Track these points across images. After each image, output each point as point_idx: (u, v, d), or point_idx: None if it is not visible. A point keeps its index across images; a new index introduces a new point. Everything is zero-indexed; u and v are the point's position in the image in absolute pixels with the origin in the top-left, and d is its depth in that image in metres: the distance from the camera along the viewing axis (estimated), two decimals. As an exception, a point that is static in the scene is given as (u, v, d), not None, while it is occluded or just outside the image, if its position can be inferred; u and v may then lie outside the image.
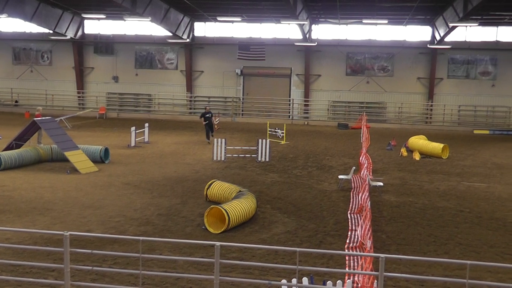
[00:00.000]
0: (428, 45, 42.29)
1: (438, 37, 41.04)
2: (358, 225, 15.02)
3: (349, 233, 14.92)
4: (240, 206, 15.64)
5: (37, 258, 12.28)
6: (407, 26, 42.75)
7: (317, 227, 15.72)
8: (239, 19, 40.93)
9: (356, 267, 11.82)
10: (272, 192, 19.81)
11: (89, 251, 10.19)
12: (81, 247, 10.73)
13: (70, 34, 44.36)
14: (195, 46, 44.28)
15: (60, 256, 11.53)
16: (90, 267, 10.51)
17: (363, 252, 12.10)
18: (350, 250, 13.54)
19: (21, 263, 11.37)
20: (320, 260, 12.76)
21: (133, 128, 29.37)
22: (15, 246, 12.11)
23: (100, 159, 24.25)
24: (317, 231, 15.30)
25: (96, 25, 45.64)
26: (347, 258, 12.49)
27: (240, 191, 17.48)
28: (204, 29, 44.26)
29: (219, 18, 40.63)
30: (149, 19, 38.61)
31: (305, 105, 43.71)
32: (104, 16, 42.99)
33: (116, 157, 25.44)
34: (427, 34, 42.92)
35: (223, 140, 26.00)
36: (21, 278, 10.85)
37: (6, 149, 24.30)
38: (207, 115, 31.00)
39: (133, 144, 29.00)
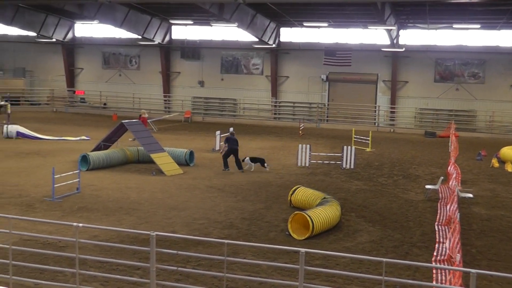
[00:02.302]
0: (523, 51, 40.57)
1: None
2: (446, 238, 14.50)
3: (437, 245, 14.42)
4: (324, 213, 15.44)
5: (123, 256, 12.52)
6: (501, 30, 41.12)
7: (403, 237, 15.30)
8: (325, 24, 40.67)
9: (444, 282, 11.37)
10: (357, 200, 19.47)
11: (175, 252, 10.28)
12: (166, 248, 10.86)
13: (158, 40, 45.41)
14: (281, 52, 44.32)
15: (146, 255, 11.70)
16: (175, 268, 10.60)
17: (452, 266, 11.62)
18: (438, 263, 13.07)
19: (108, 260, 11.62)
20: (406, 272, 12.38)
21: (218, 132, 29.65)
22: (103, 244, 12.41)
23: (185, 161, 24.58)
24: (402, 242, 14.89)
25: (183, 31, 46.49)
26: (434, 271, 12.05)
27: (324, 197, 17.27)
28: (290, 34, 44.23)
29: (305, 24, 40.50)
30: (235, 25, 38.97)
31: (391, 112, 42.88)
32: (192, 22, 43.81)
33: (200, 160, 25.74)
34: (522, 40, 41.17)
35: (308, 146, 25.82)
36: (108, 275, 11.07)
37: (94, 150, 25.07)
38: (231, 141, 24.63)
39: (217, 147, 29.27)
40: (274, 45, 43.39)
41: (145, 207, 17.78)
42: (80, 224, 10.26)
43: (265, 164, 24.43)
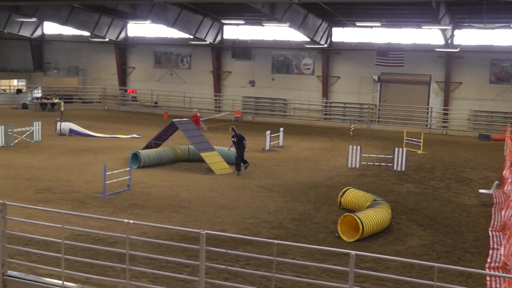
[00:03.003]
0: None
1: None
2: (500, 244, 14.09)
3: (491, 251, 14.04)
4: (374, 215, 15.24)
5: (172, 254, 12.60)
6: None
7: (455, 242, 14.97)
8: (378, 24, 40.17)
9: (498, 289, 11.05)
10: (408, 203, 19.15)
11: (224, 250, 10.28)
12: (215, 246, 10.88)
13: (209, 39, 45.68)
14: (332, 52, 43.98)
15: (195, 253, 11.71)
16: (225, 266, 10.59)
17: (507, 273, 11.28)
18: (492, 270, 12.71)
19: (157, 257, 11.70)
20: (458, 278, 12.10)
21: (268, 132, 29.63)
22: (153, 241, 12.50)
23: (235, 161, 24.59)
24: (455, 247, 14.57)
25: (235, 31, 46.64)
26: (488, 278, 11.73)
27: (375, 200, 17.05)
28: (342, 34, 43.83)
29: (358, 23, 40.08)
30: (287, 25, 38.86)
31: (444, 113, 42.05)
32: (243, 22, 43.89)
33: (250, 160, 25.67)
34: None
35: (359, 147, 25.54)
36: (157, 271, 11.16)
37: (145, 148, 25.38)
38: (233, 139, 23.70)
39: (267, 147, 29.24)
40: (325, 45, 43.11)
41: (194, 205, 17.88)
42: (131, 221, 10.35)
43: (246, 164, 23.47)
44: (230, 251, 10.56)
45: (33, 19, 46.88)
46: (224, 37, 46.91)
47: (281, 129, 31.22)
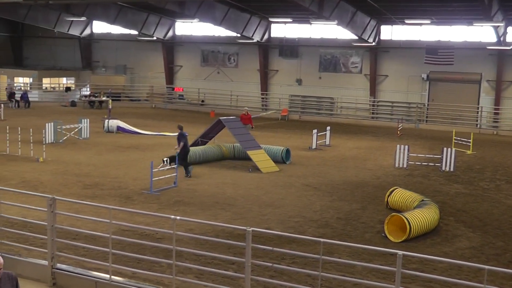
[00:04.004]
0: None
1: None
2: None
3: (544, 254, 13.65)
4: (422, 216, 14.98)
5: (218, 250, 12.62)
6: None
7: (506, 245, 14.61)
8: (428, 21, 39.50)
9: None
10: (456, 204, 18.76)
11: (270, 248, 10.26)
12: (260, 244, 10.85)
13: (256, 38, 45.70)
14: (381, 50, 43.45)
15: (240, 251, 11.73)
16: (270, 264, 10.56)
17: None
18: (546, 273, 12.34)
19: (203, 253, 11.75)
20: (508, 282, 11.81)
21: (315, 131, 29.46)
22: (199, 237, 12.57)
23: (281, 159, 24.56)
24: (505, 250, 14.22)
25: (282, 29, 46.54)
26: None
27: (422, 200, 16.77)
28: (390, 32, 43.26)
29: (407, 21, 39.52)
30: (335, 23, 38.58)
31: (495, 113, 41.09)
32: (291, 20, 43.78)
33: (296, 159, 25.66)
34: None
35: (406, 147, 25.16)
36: (203, 267, 11.21)
37: (192, 146, 25.50)
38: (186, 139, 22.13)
39: (314, 146, 29.09)
40: (373, 43, 42.64)
41: (240, 203, 17.91)
42: (178, 217, 10.41)
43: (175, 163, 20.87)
44: (276, 248, 10.53)
45: (83, 18, 47.81)
46: (271, 35, 46.85)
47: (328, 127, 31.01)
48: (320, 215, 16.87)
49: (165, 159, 21.40)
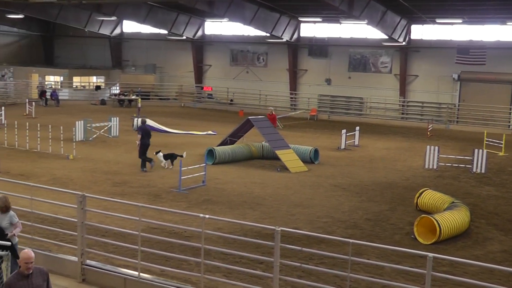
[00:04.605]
0: None
1: None
2: None
3: None
4: (452, 218, 14.79)
5: (246, 249, 12.59)
6: None
7: (539, 249, 14.34)
8: (459, 21, 38.99)
9: None
10: (488, 206, 18.47)
11: (299, 248, 10.20)
12: (289, 244, 10.79)
13: (286, 37, 45.58)
14: (411, 50, 43.00)
15: (268, 250, 11.70)
16: (299, 264, 10.50)
17: None
18: None
19: (232, 252, 11.73)
20: (542, 286, 11.56)
21: (344, 131, 29.29)
22: (227, 236, 12.55)
23: (310, 159, 24.46)
24: (540, 254, 13.95)
25: (312, 28, 46.35)
26: None
27: (453, 202, 16.55)
28: (421, 31, 42.78)
29: (438, 20, 39.08)
30: (365, 22, 38.32)
31: (528, 114, 40.47)
32: (320, 19, 43.59)
33: (325, 159, 25.53)
34: None
35: (436, 148, 24.86)
36: (231, 266, 11.20)
37: (220, 145, 25.57)
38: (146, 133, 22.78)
39: (343, 146, 28.91)
40: (404, 43, 42.22)
41: (269, 203, 17.88)
42: (207, 216, 10.41)
43: (173, 161, 22.73)
44: (305, 249, 10.47)
45: (113, 18, 48.22)
46: (301, 34, 46.69)
47: (357, 128, 30.79)
48: (348, 215, 16.76)
49: (159, 153, 22.85)
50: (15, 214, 10.59)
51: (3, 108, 33.69)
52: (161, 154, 23.00)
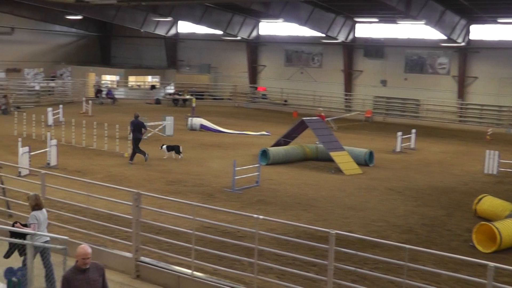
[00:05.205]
0: None
1: None
2: None
3: None
4: (514, 226, 14.26)
5: (299, 251, 12.43)
6: None
7: None
8: (523, 20, 37.88)
9: None
10: (551, 213, 17.76)
11: (354, 252, 10.00)
12: (342, 247, 10.59)
13: (341, 38, 45.18)
14: (470, 50, 41.94)
15: (322, 253, 11.51)
16: (354, 268, 10.30)
17: None
18: None
19: (285, 254, 11.59)
20: None
21: (399, 133, 28.77)
22: (281, 237, 12.42)
23: (364, 162, 24.10)
24: None
25: (367, 29, 45.80)
26: None
27: (515, 208, 15.98)
28: (481, 31, 41.68)
29: (499, 20, 38.01)
30: (423, 22, 37.60)
31: None
32: (377, 20, 43.03)
33: (380, 161, 25.11)
34: None
35: (496, 152, 24.11)
36: (284, 268, 11.07)
37: (274, 145, 25.46)
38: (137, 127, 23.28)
39: (398, 149, 28.40)
40: (463, 43, 41.21)
41: (322, 205, 17.68)
42: (261, 216, 10.32)
43: (180, 153, 24.19)
44: (360, 253, 10.26)
45: (169, 19, 48.75)
46: (356, 35, 46.18)
47: (413, 130, 30.19)
48: (404, 220, 16.41)
49: (164, 146, 24.34)
50: (35, 216, 10.48)
51: (61, 106, 34.45)
52: (165, 147, 24.37)
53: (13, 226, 10.32)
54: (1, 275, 8.97)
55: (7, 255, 10.03)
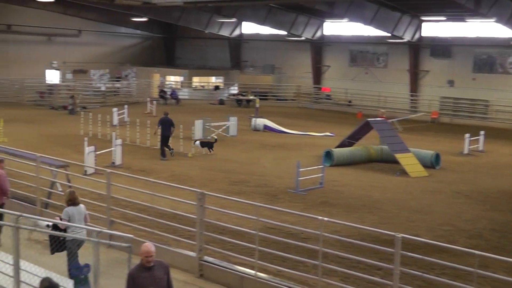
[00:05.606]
0: None
1: None
2: None
3: None
4: None
5: (364, 255, 12.21)
6: None
7: None
8: None
9: None
10: None
11: (420, 256, 9.74)
12: (408, 251, 10.33)
13: (407, 37, 44.34)
14: (543, 50, 40.52)
15: (387, 257, 11.27)
16: (420, 273, 10.04)
17: None
18: None
19: (349, 256, 11.41)
20: None
21: (467, 135, 27.99)
22: (345, 240, 12.22)
23: (431, 164, 23.55)
24: None
25: (434, 27, 44.80)
26: None
27: None
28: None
29: None
30: (493, 20, 36.47)
31: None
32: (444, 18, 42.04)
33: (447, 164, 24.49)
34: None
35: None
36: (348, 271, 10.90)
37: (338, 147, 25.22)
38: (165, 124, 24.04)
39: (466, 151, 27.63)
40: (537, 42, 39.78)
41: (387, 207, 17.36)
42: (325, 218, 10.19)
43: (212, 149, 25.01)
44: (427, 257, 9.98)
45: (233, 20, 49.02)
46: (422, 34, 45.24)
47: (482, 132, 29.30)
48: (472, 225, 15.92)
49: (197, 142, 25.23)
50: (68, 212, 10.69)
51: (126, 106, 35.12)
52: (198, 142, 25.28)
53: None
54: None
55: (52, 251, 10.34)
